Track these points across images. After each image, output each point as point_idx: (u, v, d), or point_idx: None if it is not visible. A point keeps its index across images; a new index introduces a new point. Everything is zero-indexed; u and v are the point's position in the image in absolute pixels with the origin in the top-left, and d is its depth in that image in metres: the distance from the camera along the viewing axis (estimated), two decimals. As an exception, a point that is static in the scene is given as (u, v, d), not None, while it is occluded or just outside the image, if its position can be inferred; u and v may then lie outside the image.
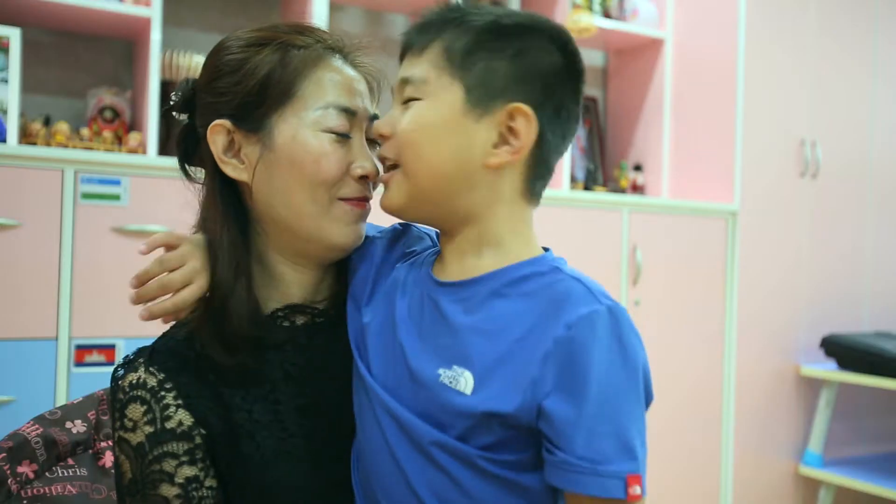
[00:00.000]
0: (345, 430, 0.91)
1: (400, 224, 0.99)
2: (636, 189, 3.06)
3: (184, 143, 0.97)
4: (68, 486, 1.00)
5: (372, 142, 0.94)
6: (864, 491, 2.81)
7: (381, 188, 0.92)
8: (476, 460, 0.75)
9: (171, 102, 0.97)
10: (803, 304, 3.03)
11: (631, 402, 0.73)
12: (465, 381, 0.75)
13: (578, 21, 2.75)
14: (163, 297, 0.90)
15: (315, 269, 0.96)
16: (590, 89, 3.27)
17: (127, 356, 0.92)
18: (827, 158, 3.06)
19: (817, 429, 2.96)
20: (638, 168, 3.09)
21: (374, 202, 0.93)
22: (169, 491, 0.84)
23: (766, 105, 2.92)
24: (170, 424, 0.86)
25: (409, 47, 0.84)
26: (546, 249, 0.85)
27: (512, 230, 0.82)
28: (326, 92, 0.90)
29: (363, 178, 0.92)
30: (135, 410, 0.86)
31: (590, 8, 2.88)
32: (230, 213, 0.92)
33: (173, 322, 0.94)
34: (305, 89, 0.90)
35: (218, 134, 0.91)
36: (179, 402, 0.87)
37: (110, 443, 1.07)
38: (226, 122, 0.91)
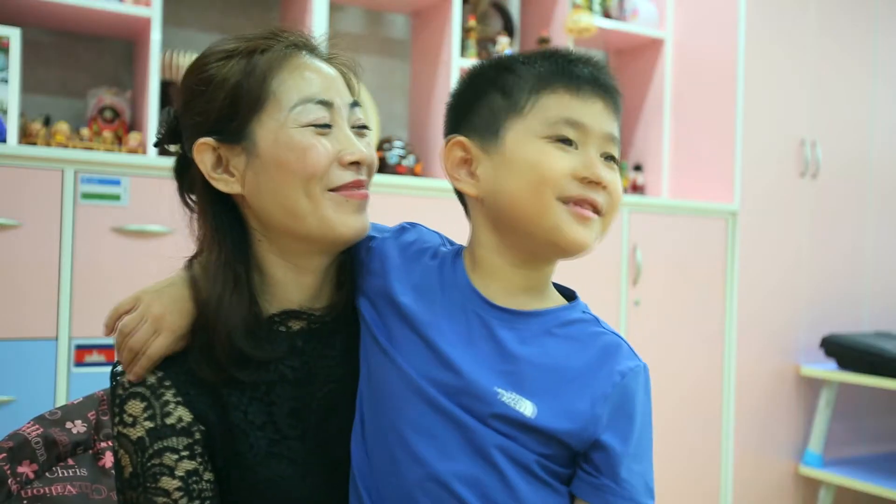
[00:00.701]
0: (336, 433, 0.92)
1: (408, 223, 0.99)
2: (636, 189, 3.06)
3: (179, 171, 0.97)
4: (68, 487, 1.00)
5: (358, 129, 0.94)
6: (864, 491, 2.81)
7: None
8: (534, 465, 0.82)
9: (158, 137, 0.97)
10: (803, 304, 3.03)
11: (650, 447, 0.86)
12: (525, 406, 0.82)
13: (578, 21, 2.75)
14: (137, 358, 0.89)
15: (315, 273, 0.95)
16: (590, 89, 3.26)
17: None
18: (827, 158, 3.07)
19: (817, 429, 2.96)
20: (638, 168, 3.09)
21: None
22: (170, 484, 0.85)
23: (766, 105, 2.92)
24: (170, 420, 0.87)
25: (607, 96, 0.86)
26: (563, 290, 0.93)
27: None
28: (298, 88, 0.90)
29: (354, 164, 0.91)
30: (134, 406, 0.87)
31: (590, 8, 2.88)
32: (224, 229, 0.92)
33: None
34: (277, 90, 0.89)
35: (204, 152, 0.91)
36: (179, 399, 0.88)
37: (110, 443, 1.07)
38: (209, 140, 0.91)
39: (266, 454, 0.89)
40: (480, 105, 0.88)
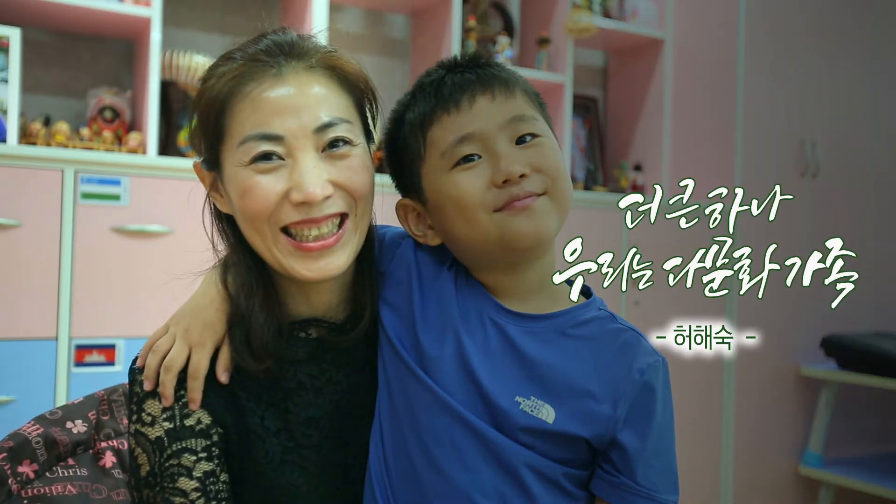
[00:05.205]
0: (352, 440, 0.92)
1: None
2: (636, 189, 3.06)
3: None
4: (68, 486, 1.00)
5: (331, 146, 0.86)
6: (864, 491, 2.81)
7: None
8: (560, 479, 0.83)
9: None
10: (803, 304, 3.03)
11: (673, 440, 0.86)
12: (546, 411, 0.82)
13: (578, 21, 2.75)
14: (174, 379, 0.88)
15: (322, 292, 0.93)
16: (590, 89, 3.27)
17: None
18: (827, 158, 3.06)
19: (817, 429, 2.96)
20: (638, 168, 3.09)
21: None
22: (188, 484, 0.86)
23: (766, 105, 2.92)
24: (188, 422, 0.87)
25: (488, 87, 0.85)
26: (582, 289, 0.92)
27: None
28: (242, 124, 0.85)
29: (305, 203, 0.84)
30: (153, 406, 0.87)
31: (590, 8, 2.88)
32: (241, 239, 0.91)
33: None
34: (229, 125, 0.86)
35: (200, 171, 0.92)
36: None
37: (111, 443, 1.07)
38: (198, 161, 0.92)
39: (280, 461, 0.89)
40: (400, 167, 0.91)
